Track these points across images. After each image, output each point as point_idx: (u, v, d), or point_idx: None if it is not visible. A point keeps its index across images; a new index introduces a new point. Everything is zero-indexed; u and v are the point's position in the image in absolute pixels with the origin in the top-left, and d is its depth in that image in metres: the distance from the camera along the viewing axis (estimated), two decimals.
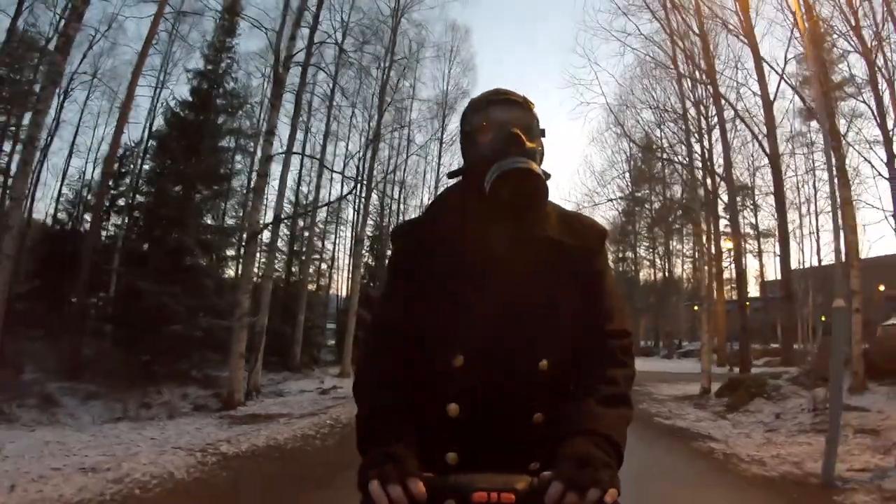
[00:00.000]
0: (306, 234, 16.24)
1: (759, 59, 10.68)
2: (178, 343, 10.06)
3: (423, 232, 0.93)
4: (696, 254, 18.56)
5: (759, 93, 10.90)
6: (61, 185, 17.48)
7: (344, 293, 20.89)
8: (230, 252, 13.27)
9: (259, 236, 8.39)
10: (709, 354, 9.78)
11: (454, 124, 19.17)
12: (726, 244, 14.48)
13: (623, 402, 0.82)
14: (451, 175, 0.96)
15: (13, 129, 15.04)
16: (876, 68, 9.71)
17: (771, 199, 14.63)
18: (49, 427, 6.55)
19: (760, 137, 11.28)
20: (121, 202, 16.01)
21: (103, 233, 15.24)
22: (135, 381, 9.62)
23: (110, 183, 15.13)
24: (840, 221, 4.97)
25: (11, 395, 7.76)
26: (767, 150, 11.06)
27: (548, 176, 0.87)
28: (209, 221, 13.18)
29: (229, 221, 16.30)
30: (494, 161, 0.84)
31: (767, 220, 18.18)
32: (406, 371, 0.87)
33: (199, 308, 10.48)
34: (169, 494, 3.13)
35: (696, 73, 10.71)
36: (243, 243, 9.51)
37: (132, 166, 15.93)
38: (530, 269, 0.86)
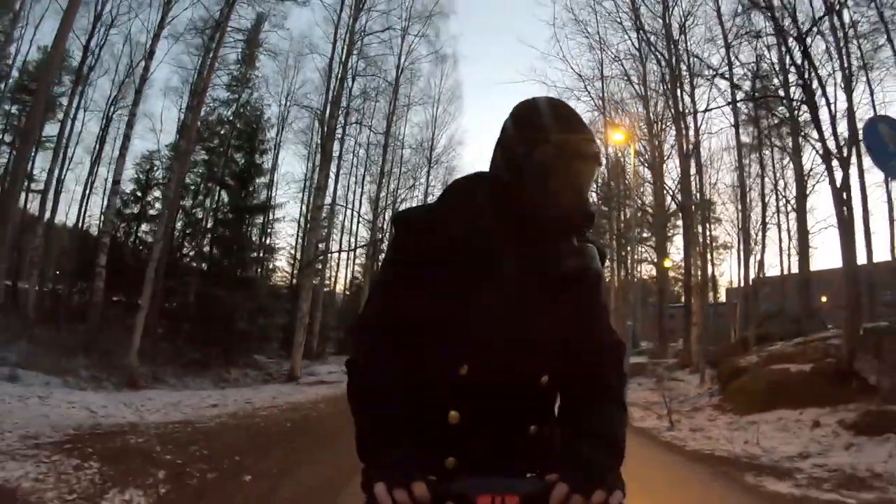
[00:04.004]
0: (321, 245, 20.37)
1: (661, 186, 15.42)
2: (237, 336, 14.22)
3: (431, 226, 0.91)
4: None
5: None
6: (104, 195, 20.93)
7: (339, 289, 24.99)
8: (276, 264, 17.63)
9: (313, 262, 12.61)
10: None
11: (439, 148, 22.83)
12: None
13: (621, 405, 0.92)
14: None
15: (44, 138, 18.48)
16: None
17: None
18: (186, 390, 10.65)
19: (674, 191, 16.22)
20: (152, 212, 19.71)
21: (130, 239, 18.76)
22: (206, 365, 13.76)
23: (139, 193, 18.88)
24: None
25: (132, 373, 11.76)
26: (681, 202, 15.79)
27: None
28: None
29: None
30: (565, 226, 0.88)
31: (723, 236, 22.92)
32: (401, 370, 0.89)
33: (255, 309, 14.64)
34: (337, 400, 7.46)
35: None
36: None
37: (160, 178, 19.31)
38: (540, 283, 0.90)
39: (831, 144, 7.03)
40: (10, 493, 3.14)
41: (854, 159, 7.88)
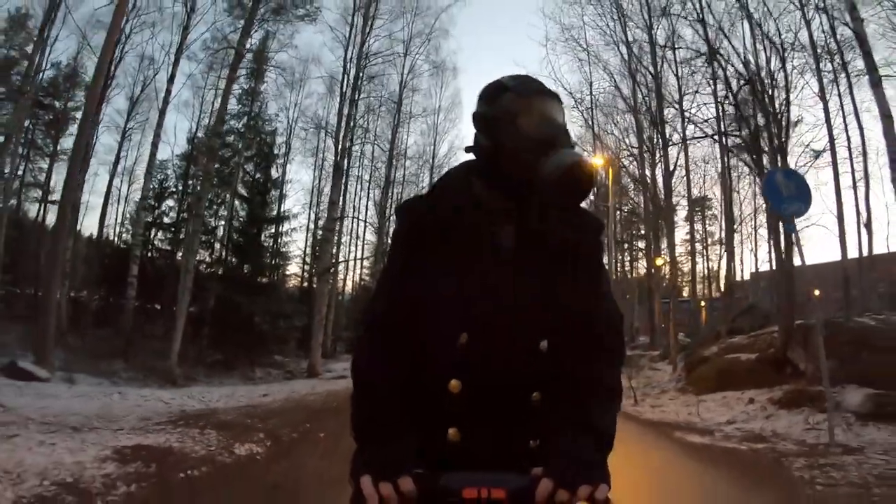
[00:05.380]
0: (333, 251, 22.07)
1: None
2: (257, 338, 15.83)
3: (429, 209, 0.99)
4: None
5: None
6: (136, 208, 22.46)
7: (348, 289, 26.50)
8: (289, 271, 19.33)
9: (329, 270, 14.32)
10: None
11: (442, 152, 24.06)
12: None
13: (614, 389, 0.95)
14: (468, 150, 1.01)
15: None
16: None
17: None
18: (226, 386, 12.29)
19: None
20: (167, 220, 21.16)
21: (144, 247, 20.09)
22: (230, 365, 15.37)
23: (153, 202, 20.45)
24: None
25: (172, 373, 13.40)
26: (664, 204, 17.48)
27: None
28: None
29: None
30: (541, 150, 0.88)
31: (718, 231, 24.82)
32: (405, 351, 0.94)
33: (274, 313, 16.30)
34: None
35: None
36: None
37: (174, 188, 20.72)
38: (534, 255, 0.94)
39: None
40: (168, 450, 4.81)
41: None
